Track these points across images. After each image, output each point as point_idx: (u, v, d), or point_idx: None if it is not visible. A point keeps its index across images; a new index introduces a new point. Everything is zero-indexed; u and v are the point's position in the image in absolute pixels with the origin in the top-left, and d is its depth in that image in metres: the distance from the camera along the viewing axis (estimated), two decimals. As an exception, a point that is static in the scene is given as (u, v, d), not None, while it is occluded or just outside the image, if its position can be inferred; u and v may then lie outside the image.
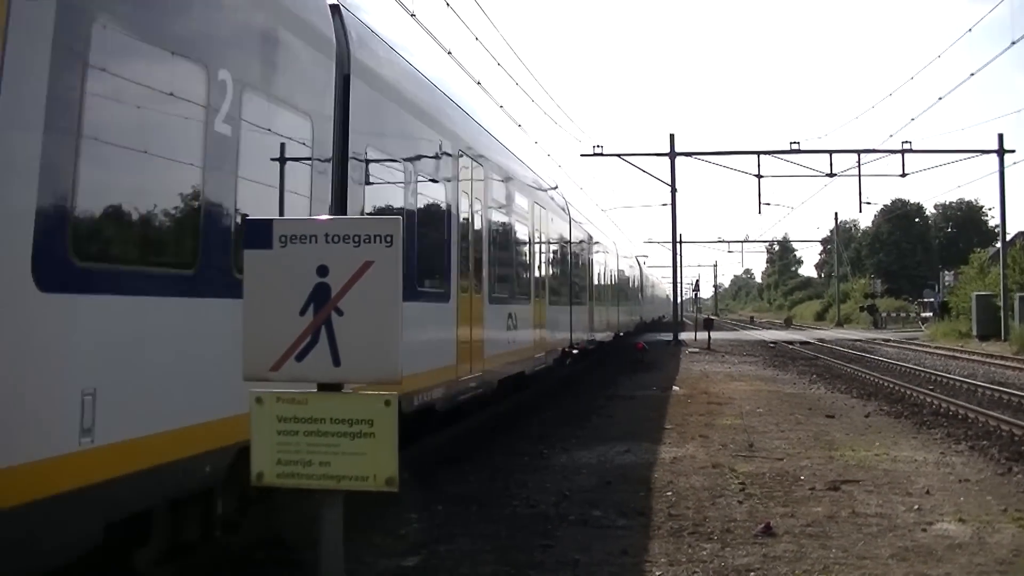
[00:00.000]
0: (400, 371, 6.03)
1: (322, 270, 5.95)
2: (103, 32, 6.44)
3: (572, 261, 33.33)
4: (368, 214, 11.47)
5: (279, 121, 9.25)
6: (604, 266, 44.25)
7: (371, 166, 11.76)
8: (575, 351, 32.41)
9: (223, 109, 8.04)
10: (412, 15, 21.36)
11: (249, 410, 6.11)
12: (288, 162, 9.53)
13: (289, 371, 6.01)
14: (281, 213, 9.17)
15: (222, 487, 8.33)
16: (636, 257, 66.52)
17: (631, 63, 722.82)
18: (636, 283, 68.95)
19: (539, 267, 26.21)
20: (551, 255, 28.75)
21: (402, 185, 13.14)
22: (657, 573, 10.18)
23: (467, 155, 16.77)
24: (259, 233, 6.13)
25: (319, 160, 10.25)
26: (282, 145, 9.38)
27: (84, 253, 6.26)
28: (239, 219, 8.17)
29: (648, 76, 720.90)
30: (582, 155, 63.13)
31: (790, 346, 61.65)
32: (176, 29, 7.54)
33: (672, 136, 64.40)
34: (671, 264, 74.66)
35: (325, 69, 10.57)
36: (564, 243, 31.63)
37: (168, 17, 7.48)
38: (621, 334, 51.89)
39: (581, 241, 35.53)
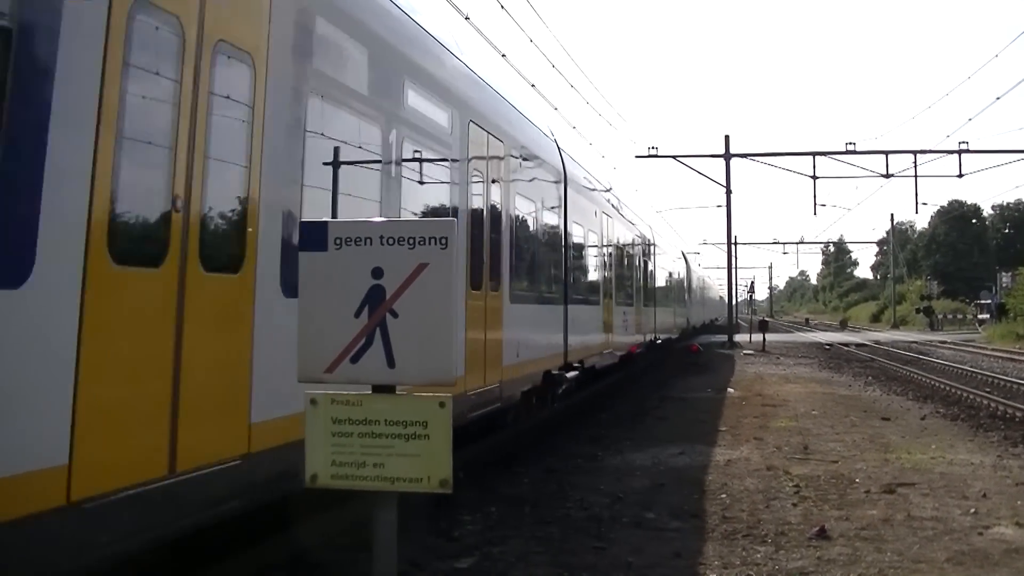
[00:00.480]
0: (454, 373, 6.04)
1: (377, 272, 5.95)
2: None
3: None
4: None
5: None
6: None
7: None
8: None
9: None
10: (466, 18, 21.39)
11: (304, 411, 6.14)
12: None
13: (344, 373, 6.02)
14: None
15: None
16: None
17: (686, 65, 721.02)
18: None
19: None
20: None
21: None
22: (710, 576, 10.17)
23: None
24: (314, 235, 6.15)
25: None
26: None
27: None
28: None
29: (703, 77, 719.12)
30: (637, 156, 62.93)
31: (845, 348, 61.29)
32: None
33: (727, 137, 64.05)
34: (726, 266, 74.22)
35: None
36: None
37: None
38: (675, 336, 51.16)
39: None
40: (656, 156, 62.73)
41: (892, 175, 60.12)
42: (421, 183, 12.19)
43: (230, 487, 7.56)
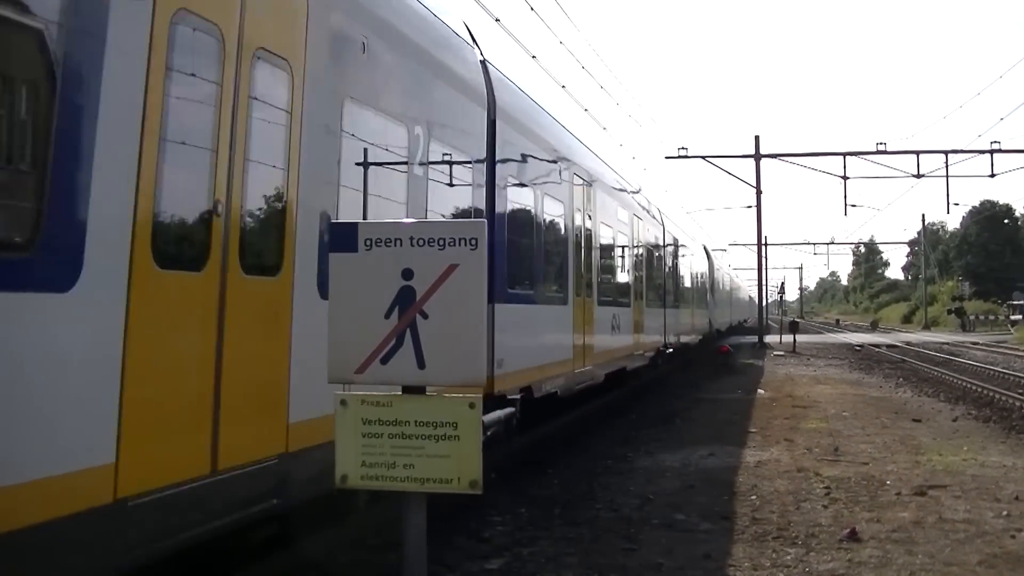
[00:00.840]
0: (485, 373, 6.04)
1: (407, 273, 5.96)
2: None
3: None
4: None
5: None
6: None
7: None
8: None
9: None
10: (496, 20, 21.40)
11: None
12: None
13: (374, 374, 6.03)
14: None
15: None
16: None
17: (715, 65, 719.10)
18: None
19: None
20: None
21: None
22: (740, 578, 10.15)
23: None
24: (344, 236, 6.16)
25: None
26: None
27: None
28: None
29: (733, 78, 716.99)
30: (667, 157, 62.82)
31: (876, 349, 61.04)
32: None
33: (757, 138, 63.96)
34: (756, 266, 73.97)
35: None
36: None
37: None
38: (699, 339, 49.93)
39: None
40: (685, 157, 62.59)
41: (923, 175, 59.82)
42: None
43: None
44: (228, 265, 7.09)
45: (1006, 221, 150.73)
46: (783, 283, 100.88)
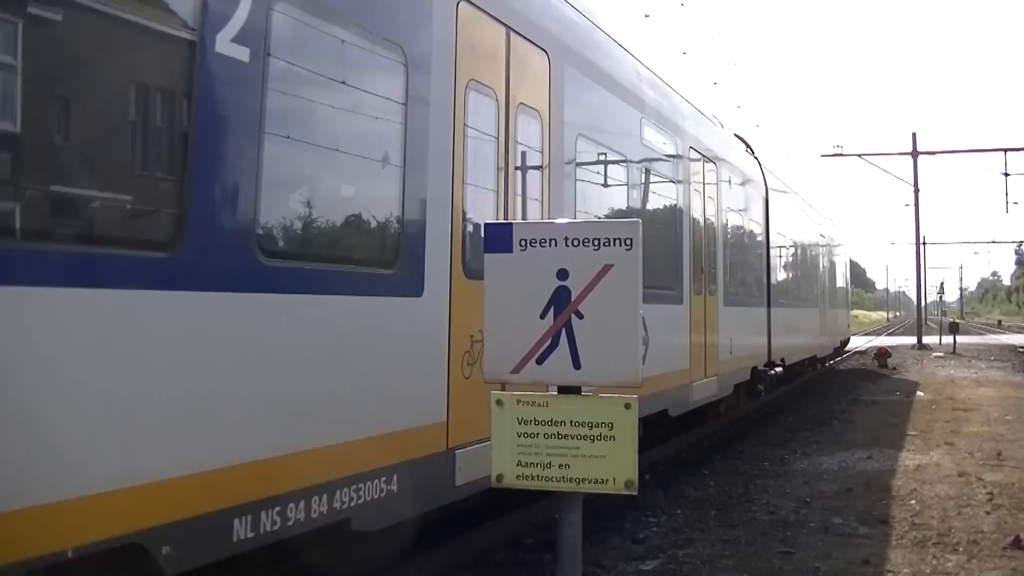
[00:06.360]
0: (640, 374, 6.02)
1: (562, 273, 5.97)
2: None
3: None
4: None
5: None
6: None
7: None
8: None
9: None
10: (646, 16, 21.43)
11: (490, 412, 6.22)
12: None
13: (530, 374, 6.05)
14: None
15: None
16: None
17: (871, 62, 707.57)
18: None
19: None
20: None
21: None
22: (900, 584, 9.97)
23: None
24: (499, 237, 6.19)
25: None
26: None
27: None
28: None
29: (889, 75, 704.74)
30: (822, 155, 62.26)
31: (1041, 351, 59.41)
32: None
33: (914, 135, 62.65)
34: (915, 267, 72.48)
35: None
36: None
37: None
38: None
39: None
40: (841, 155, 61.84)
41: (1091, 171, 58.07)
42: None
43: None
44: None
45: None
46: (942, 283, 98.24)
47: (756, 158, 24.44)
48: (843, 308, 45.76)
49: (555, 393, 6.09)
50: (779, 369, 24.95)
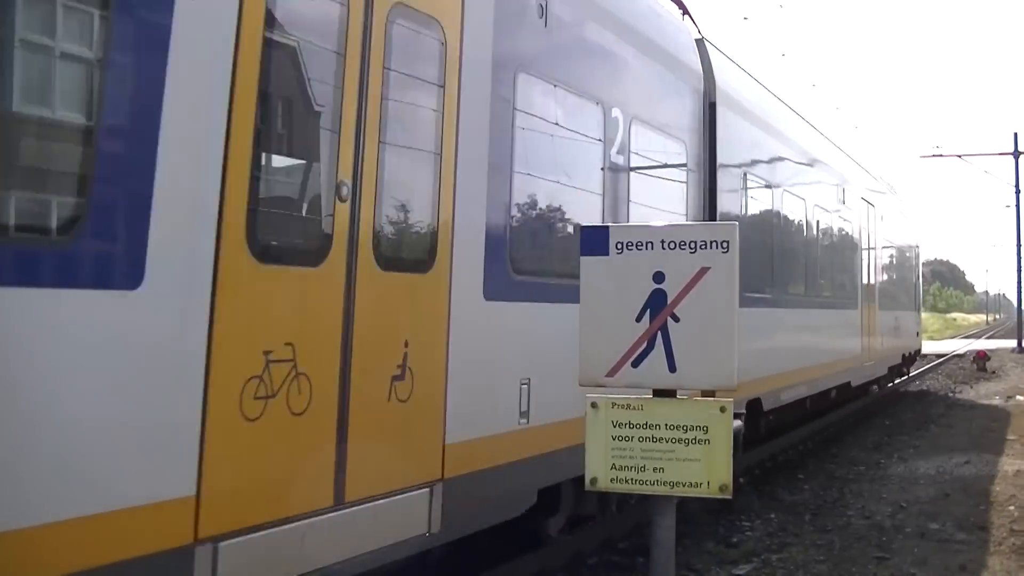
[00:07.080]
0: (735, 378, 5.98)
1: (658, 276, 5.94)
2: None
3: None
4: None
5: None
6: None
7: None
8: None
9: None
10: (745, 18, 21.48)
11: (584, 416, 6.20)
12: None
13: (625, 377, 6.04)
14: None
15: None
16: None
17: (971, 61, 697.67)
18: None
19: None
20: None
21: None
22: (999, 592, 9.82)
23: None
24: (595, 240, 6.18)
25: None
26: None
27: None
28: None
29: (990, 74, 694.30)
30: (921, 157, 61.90)
31: None
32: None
33: (1015, 134, 61.45)
34: (1015, 268, 71.16)
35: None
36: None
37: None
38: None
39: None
40: (940, 156, 61.21)
41: None
42: None
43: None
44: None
45: None
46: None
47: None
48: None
49: (649, 396, 6.07)
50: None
